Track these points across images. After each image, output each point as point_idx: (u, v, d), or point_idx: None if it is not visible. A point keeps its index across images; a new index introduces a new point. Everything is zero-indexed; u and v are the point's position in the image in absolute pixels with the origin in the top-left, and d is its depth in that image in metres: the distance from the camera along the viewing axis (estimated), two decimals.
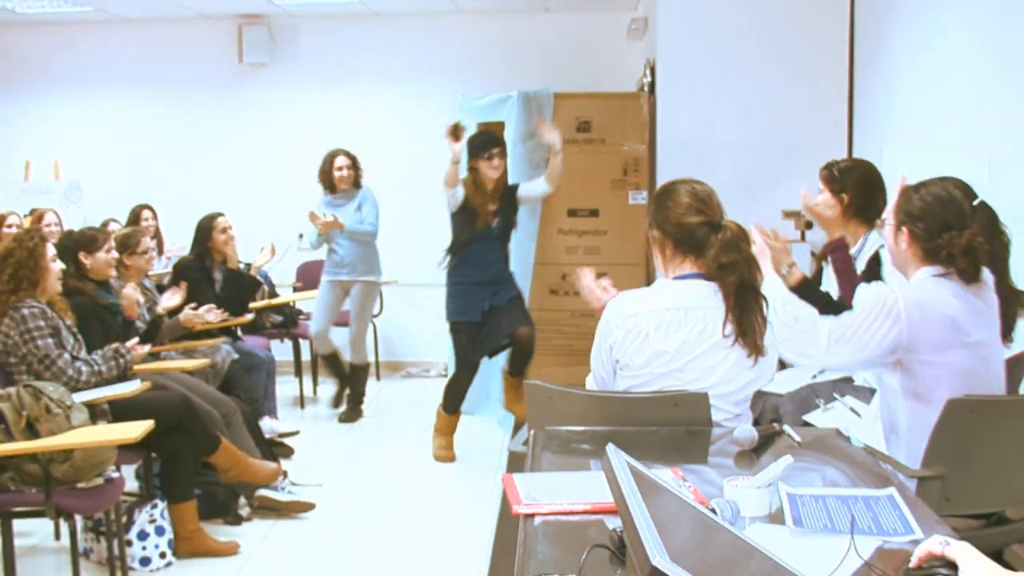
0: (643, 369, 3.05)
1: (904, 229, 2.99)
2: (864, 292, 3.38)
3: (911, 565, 1.86)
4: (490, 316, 6.12)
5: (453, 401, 6.33)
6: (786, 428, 2.91)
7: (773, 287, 3.13)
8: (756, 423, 3.13)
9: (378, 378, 8.55)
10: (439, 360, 8.18)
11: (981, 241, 2.92)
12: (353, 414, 7.27)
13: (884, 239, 3.30)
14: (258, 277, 7.05)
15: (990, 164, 4.31)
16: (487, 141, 6.14)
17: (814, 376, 4.03)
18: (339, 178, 7.02)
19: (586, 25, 8.46)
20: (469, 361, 6.25)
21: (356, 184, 7.13)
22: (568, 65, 8.26)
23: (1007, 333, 3.45)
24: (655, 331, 3.03)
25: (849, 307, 3.55)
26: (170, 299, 5.89)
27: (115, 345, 4.81)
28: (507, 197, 6.21)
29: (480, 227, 6.13)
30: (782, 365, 3.57)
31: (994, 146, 4.30)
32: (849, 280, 3.87)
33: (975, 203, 3.22)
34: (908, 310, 2.87)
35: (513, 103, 7.13)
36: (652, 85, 6.96)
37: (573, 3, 8.23)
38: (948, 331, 2.90)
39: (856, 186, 4.03)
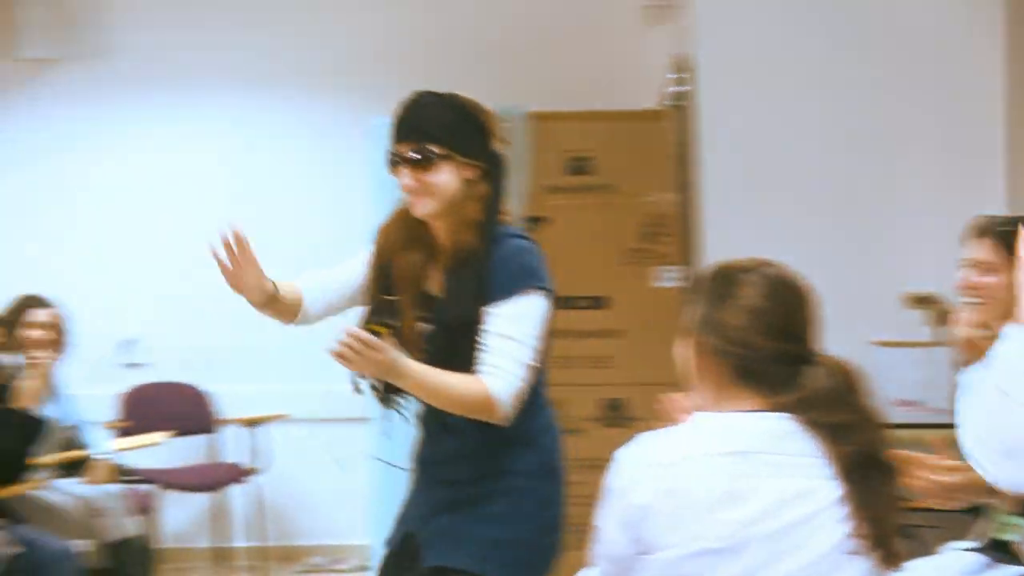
0: (685, 549, 1.54)
1: None
2: None
3: None
4: None
5: None
6: None
7: None
8: None
9: None
10: (357, 541, 4.67)
11: None
12: None
13: None
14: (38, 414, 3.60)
15: None
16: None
17: None
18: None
19: (579, 7, 4.90)
20: None
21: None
22: (549, 70, 4.69)
23: None
24: (708, 490, 1.54)
25: None
26: None
27: None
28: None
29: None
30: None
31: None
32: None
33: None
34: None
35: None
36: (685, 96, 4.02)
37: None
38: None
39: None
